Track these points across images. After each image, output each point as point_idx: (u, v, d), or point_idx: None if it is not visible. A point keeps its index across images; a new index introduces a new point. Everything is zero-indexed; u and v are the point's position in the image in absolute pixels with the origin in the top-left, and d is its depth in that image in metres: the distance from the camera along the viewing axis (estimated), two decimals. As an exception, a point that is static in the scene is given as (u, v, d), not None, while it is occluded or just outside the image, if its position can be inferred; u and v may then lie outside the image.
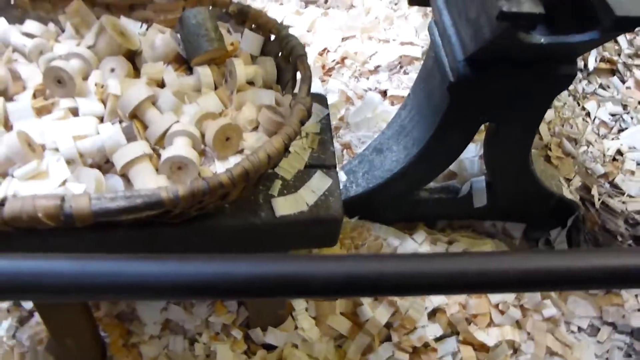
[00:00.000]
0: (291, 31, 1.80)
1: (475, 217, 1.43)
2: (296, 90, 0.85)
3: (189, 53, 0.88)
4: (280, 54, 0.92)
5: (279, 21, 1.79)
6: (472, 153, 1.42)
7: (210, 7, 0.96)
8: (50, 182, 0.66)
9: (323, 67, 1.72)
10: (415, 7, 1.81)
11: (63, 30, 0.92)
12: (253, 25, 0.94)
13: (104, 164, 0.71)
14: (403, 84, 1.66)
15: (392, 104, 1.64)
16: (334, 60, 1.73)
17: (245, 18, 0.94)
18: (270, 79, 0.90)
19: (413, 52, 1.68)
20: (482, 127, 1.21)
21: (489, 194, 1.36)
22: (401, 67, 1.69)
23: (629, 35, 1.91)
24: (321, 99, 1.06)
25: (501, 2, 0.80)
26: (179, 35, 0.89)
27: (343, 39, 1.80)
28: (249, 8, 0.94)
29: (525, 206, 1.41)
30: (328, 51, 1.75)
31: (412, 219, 1.41)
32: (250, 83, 0.89)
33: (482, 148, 1.30)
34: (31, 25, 0.88)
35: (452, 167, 1.37)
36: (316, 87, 1.65)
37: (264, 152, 0.67)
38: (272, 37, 0.93)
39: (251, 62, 0.92)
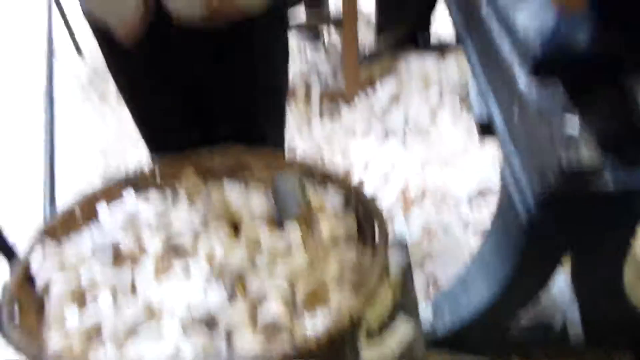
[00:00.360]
0: (372, 165, 1.95)
1: (573, 348, 1.38)
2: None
3: (281, 214, 1.00)
4: (359, 210, 1.02)
5: (362, 161, 1.93)
6: (561, 283, 1.41)
7: (298, 170, 1.10)
8: (166, 343, 0.77)
9: (404, 200, 1.82)
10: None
11: (177, 197, 1.10)
12: (335, 185, 1.06)
13: (211, 324, 0.82)
14: (484, 215, 1.70)
15: (475, 235, 1.68)
16: (415, 193, 1.82)
17: (328, 179, 1.06)
18: (352, 235, 1.00)
19: (492, 182, 1.74)
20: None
21: (585, 324, 1.32)
22: (482, 198, 1.75)
23: None
24: (401, 245, 1.15)
25: (560, 152, 0.85)
26: (272, 198, 1.03)
27: (423, 170, 1.90)
28: (331, 170, 1.07)
29: (628, 334, 1.34)
30: (409, 184, 1.86)
31: (505, 351, 1.39)
32: (334, 239, 0.99)
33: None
34: (153, 196, 1.06)
35: (542, 298, 1.36)
36: (398, 220, 1.74)
37: (348, 312, 0.75)
38: (352, 194, 1.04)
39: (335, 220, 1.03)
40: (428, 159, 1.90)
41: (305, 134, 2.41)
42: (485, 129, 1.34)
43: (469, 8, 1.46)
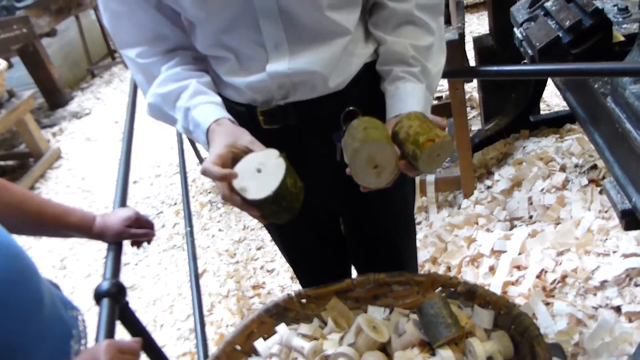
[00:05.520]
0: (503, 257, 1.88)
1: None
2: (537, 366, 0.91)
3: (430, 337, 1.01)
4: (513, 328, 1.00)
5: (489, 251, 1.87)
6: None
7: (440, 288, 1.11)
8: None
9: (544, 289, 1.73)
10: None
11: (325, 324, 1.14)
12: (482, 302, 1.05)
13: None
14: (637, 298, 1.58)
15: (630, 320, 1.55)
16: (554, 281, 1.74)
17: (474, 296, 1.06)
18: (507, 354, 0.98)
19: (640, 265, 1.62)
20: None
21: None
22: (630, 280, 1.63)
23: None
24: (558, 350, 1.09)
25: None
26: (419, 322, 1.04)
27: (558, 255, 1.82)
28: (476, 287, 1.06)
29: None
30: (546, 271, 1.77)
31: None
32: (489, 358, 0.97)
33: None
34: (304, 328, 1.11)
35: None
36: (541, 312, 1.66)
37: None
38: (503, 311, 1.03)
39: (486, 337, 1.02)
40: (562, 243, 1.81)
41: (423, 224, 2.42)
42: (627, 214, 1.28)
43: (586, 95, 1.44)
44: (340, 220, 1.32)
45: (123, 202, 1.29)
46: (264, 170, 0.86)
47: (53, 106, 5.01)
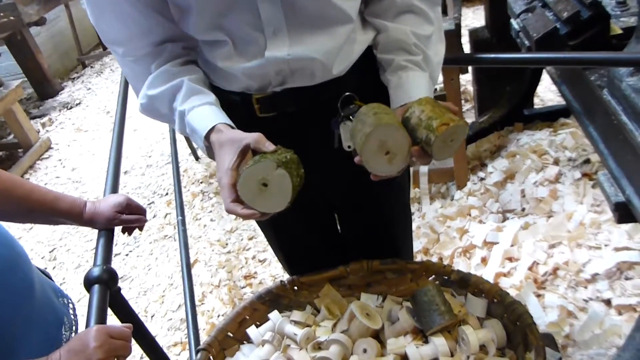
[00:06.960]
0: (496, 248, 1.89)
1: None
2: (529, 355, 0.91)
3: (424, 325, 1.01)
4: (506, 316, 1.00)
5: (481, 242, 1.87)
6: None
7: (434, 276, 1.11)
8: None
9: (535, 281, 1.74)
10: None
11: (318, 311, 1.14)
12: (475, 290, 1.05)
13: None
14: (627, 292, 1.59)
15: (620, 313, 1.56)
16: (545, 273, 1.74)
17: (467, 284, 1.06)
18: (500, 342, 0.98)
19: (631, 257, 1.63)
20: None
21: None
22: (621, 273, 1.64)
23: None
24: (549, 340, 1.10)
25: None
26: (412, 310, 1.04)
27: (550, 248, 1.82)
28: (470, 275, 1.06)
29: None
30: (537, 264, 1.78)
31: None
32: (483, 348, 0.97)
33: None
34: (297, 315, 1.10)
35: None
36: (532, 303, 1.66)
37: None
38: (496, 299, 1.02)
39: (479, 325, 1.01)
40: (554, 236, 1.82)
41: (416, 215, 2.42)
42: (621, 207, 1.28)
43: (582, 88, 1.44)
44: (335, 209, 1.31)
45: (114, 193, 1.28)
46: (271, 185, 0.84)
47: (43, 96, 4.96)
